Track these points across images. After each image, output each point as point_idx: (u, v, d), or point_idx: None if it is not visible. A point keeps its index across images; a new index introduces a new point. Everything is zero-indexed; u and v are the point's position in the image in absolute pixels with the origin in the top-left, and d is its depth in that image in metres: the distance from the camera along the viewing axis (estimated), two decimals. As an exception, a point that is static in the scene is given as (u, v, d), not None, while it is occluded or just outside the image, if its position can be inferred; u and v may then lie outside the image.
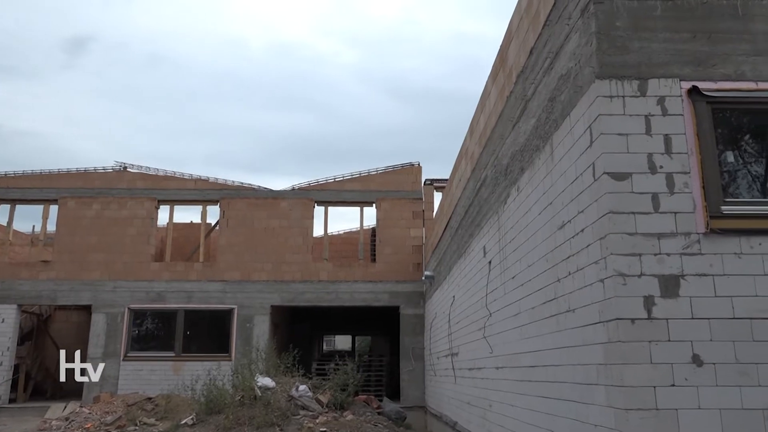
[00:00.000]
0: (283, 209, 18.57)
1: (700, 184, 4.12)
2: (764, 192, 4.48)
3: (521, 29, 6.63)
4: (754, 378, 3.81)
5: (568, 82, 4.95)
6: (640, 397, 3.77)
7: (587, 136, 4.46)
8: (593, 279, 4.31)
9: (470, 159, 10.03)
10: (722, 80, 4.31)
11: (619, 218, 4.06)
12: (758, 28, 4.41)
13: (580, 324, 4.55)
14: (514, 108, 6.88)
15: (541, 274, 5.62)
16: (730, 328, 3.89)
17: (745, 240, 4.05)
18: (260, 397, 11.59)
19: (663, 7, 4.45)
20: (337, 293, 18.06)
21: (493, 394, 7.77)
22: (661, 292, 3.94)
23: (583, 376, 4.47)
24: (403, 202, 18.85)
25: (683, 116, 4.25)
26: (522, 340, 6.31)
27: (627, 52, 4.35)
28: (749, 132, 4.62)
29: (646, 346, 3.85)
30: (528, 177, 6.17)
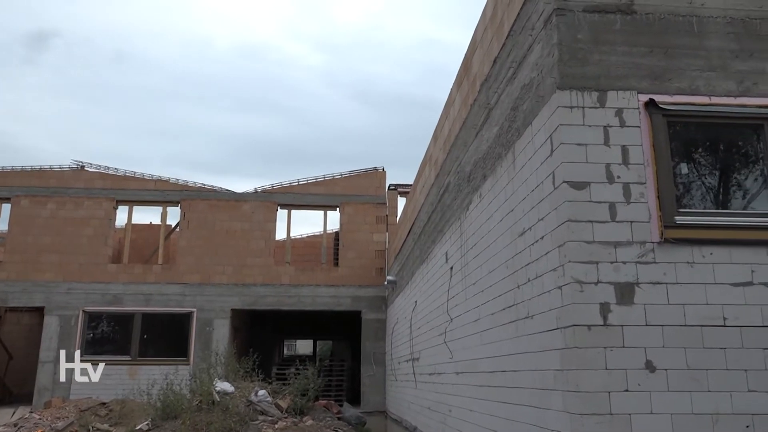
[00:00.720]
0: (245, 212, 18.38)
1: (656, 195, 4.23)
2: (717, 203, 4.63)
3: (485, 39, 6.71)
4: (704, 384, 3.92)
5: (530, 91, 5.03)
6: (595, 403, 3.84)
7: (548, 145, 4.54)
8: (551, 286, 4.38)
9: (434, 165, 10.10)
10: (677, 94, 4.44)
11: (578, 226, 4.15)
12: (712, 45, 4.56)
13: (539, 330, 4.62)
14: (477, 116, 6.97)
15: (502, 281, 5.69)
16: (681, 335, 4.00)
17: (697, 249, 4.17)
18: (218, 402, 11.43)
19: (622, 21, 4.56)
20: (299, 297, 17.95)
21: (453, 399, 7.82)
22: (616, 300, 4.03)
23: (541, 381, 4.53)
24: (367, 206, 18.86)
25: (640, 128, 4.36)
26: (482, 346, 6.37)
27: (587, 64, 4.45)
28: (703, 145, 4.77)
29: (601, 352, 3.93)
30: (490, 184, 6.25)
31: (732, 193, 4.74)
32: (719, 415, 3.88)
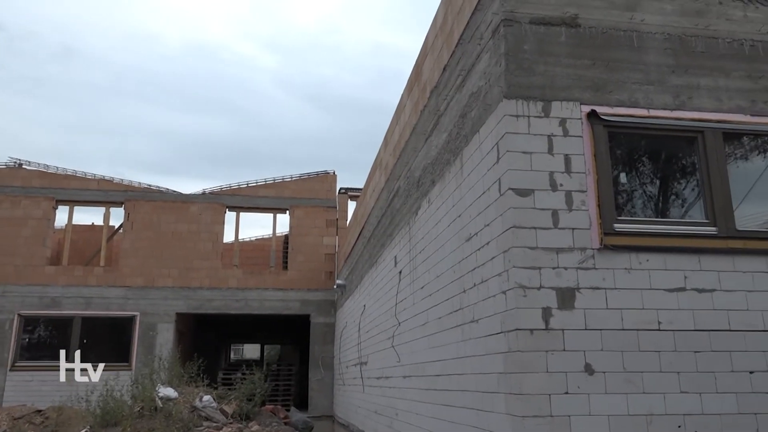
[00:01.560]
0: (192, 213, 18.03)
1: (596, 203, 4.37)
2: (654, 212, 4.82)
3: (436, 46, 6.80)
4: (639, 386, 4.07)
5: (478, 99, 5.13)
6: (536, 405, 3.93)
7: (494, 152, 4.64)
8: (496, 290, 4.46)
9: (384, 170, 10.14)
10: (618, 106, 4.60)
11: (522, 232, 4.24)
12: (651, 60, 4.75)
13: (484, 334, 4.70)
14: (427, 122, 7.04)
15: (449, 285, 5.76)
16: (619, 338, 4.14)
17: (634, 256, 4.33)
18: (161, 409, 11.15)
19: (567, 34, 4.70)
20: (247, 301, 17.71)
21: (400, 403, 7.86)
22: (558, 304, 4.14)
23: (485, 384, 4.61)
24: (317, 210, 18.78)
25: (582, 138, 4.50)
26: (429, 350, 6.43)
27: (533, 75, 4.56)
28: (642, 155, 4.96)
29: (543, 355, 4.03)
30: (439, 190, 6.32)
31: (668, 203, 4.94)
32: (653, 415, 4.03)
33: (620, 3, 4.83)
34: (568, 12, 4.73)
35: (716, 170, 4.61)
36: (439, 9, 6.82)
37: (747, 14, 4.98)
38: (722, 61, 4.83)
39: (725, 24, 4.92)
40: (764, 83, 4.83)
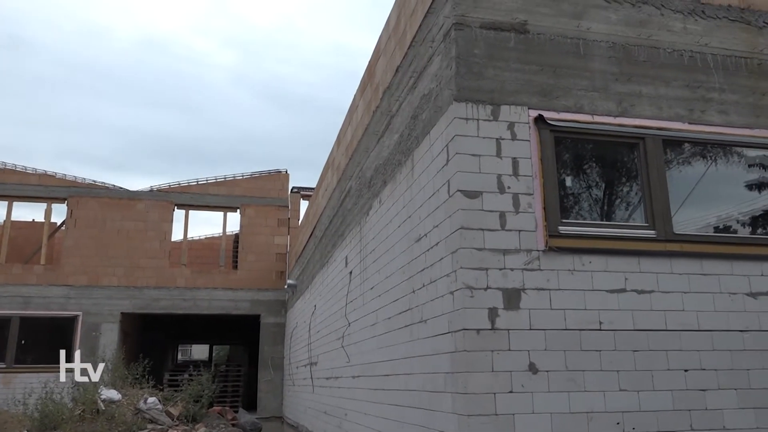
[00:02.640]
0: (139, 211, 17.59)
1: (542, 205, 4.47)
2: (598, 215, 4.95)
3: (389, 48, 6.83)
4: (580, 384, 4.18)
5: (429, 101, 5.17)
6: (481, 404, 3.99)
7: (444, 154, 4.69)
8: (444, 291, 4.51)
9: (337, 169, 10.12)
10: (564, 111, 4.71)
11: (470, 234, 4.30)
12: (596, 67, 4.89)
13: (432, 334, 4.75)
14: (379, 123, 7.06)
15: (398, 285, 5.79)
16: (562, 338, 4.24)
17: (577, 258, 4.44)
18: (104, 411, 10.84)
19: (516, 39, 4.79)
20: (195, 300, 17.39)
21: (349, 404, 7.86)
22: (504, 305, 4.22)
23: (432, 384, 4.65)
24: (269, 209, 18.59)
25: (530, 142, 4.59)
26: (378, 350, 6.45)
27: (483, 78, 4.63)
28: (587, 160, 5.09)
29: (488, 355, 4.09)
30: (390, 190, 6.35)
31: (611, 206, 5.09)
32: (593, 413, 4.14)
33: (568, 11, 4.95)
34: (517, 18, 4.82)
35: (656, 176, 4.77)
36: (392, 11, 6.85)
37: (687, 26, 5.18)
38: (663, 71, 5.01)
39: (666, 35, 5.10)
40: (701, 93, 5.03)
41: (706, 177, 5.16)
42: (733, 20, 5.31)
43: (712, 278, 4.62)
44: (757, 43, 5.30)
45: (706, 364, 4.41)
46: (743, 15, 5.34)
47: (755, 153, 5.23)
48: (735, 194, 5.24)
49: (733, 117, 5.06)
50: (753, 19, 5.36)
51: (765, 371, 4.49)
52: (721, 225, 5.18)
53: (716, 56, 5.16)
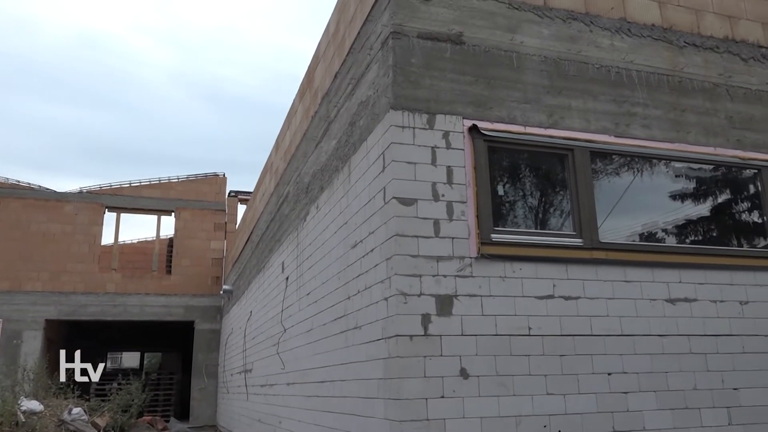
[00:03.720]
0: (67, 213, 16.89)
1: (475, 213, 4.56)
2: (529, 223, 5.09)
3: (328, 53, 6.83)
4: (510, 388, 4.28)
5: (366, 108, 5.20)
6: (413, 409, 4.03)
7: (380, 161, 4.72)
8: (379, 297, 4.53)
9: (275, 174, 10.03)
10: (497, 122, 4.83)
11: (404, 241, 4.34)
12: (528, 80, 5.03)
13: (366, 340, 4.76)
14: (317, 128, 7.04)
15: (334, 292, 5.78)
16: (492, 343, 4.33)
17: (509, 265, 4.55)
18: (24, 423, 10.33)
19: (452, 50, 4.88)
20: (126, 307, 16.81)
21: (283, 411, 7.77)
22: (437, 311, 4.27)
23: (366, 390, 4.66)
24: (205, 212, 18.21)
25: (464, 151, 4.68)
26: (313, 356, 6.41)
27: (419, 88, 4.70)
28: (519, 170, 5.23)
29: (421, 360, 4.13)
30: (327, 196, 6.34)
31: (542, 215, 5.24)
32: (522, 416, 4.25)
33: (502, 24, 5.08)
34: (453, 29, 4.92)
35: (584, 186, 4.95)
36: (332, 17, 6.86)
37: (614, 43, 5.41)
38: (591, 85, 5.21)
39: (595, 51, 5.31)
40: (627, 107, 5.26)
41: (632, 188, 5.39)
42: (656, 39, 5.58)
43: (634, 285, 4.82)
44: (678, 61, 5.58)
45: (627, 367, 4.59)
46: (666, 34, 5.62)
47: (676, 165, 5.50)
48: (658, 205, 5.50)
49: (655, 131, 5.31)
50: (675, 39, 5.64)
51: (682, 373, 4.72)
52: (645, 234, 5.42)
53: (641, 73, 5.41)
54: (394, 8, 4.77)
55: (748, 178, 5.68)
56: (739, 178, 5.70)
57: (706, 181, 5.67)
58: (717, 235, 5.73)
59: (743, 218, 5.84)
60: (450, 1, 4.97)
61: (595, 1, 5.46)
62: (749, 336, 5.02)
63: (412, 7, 4.83)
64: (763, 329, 5.08)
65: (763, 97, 5.79)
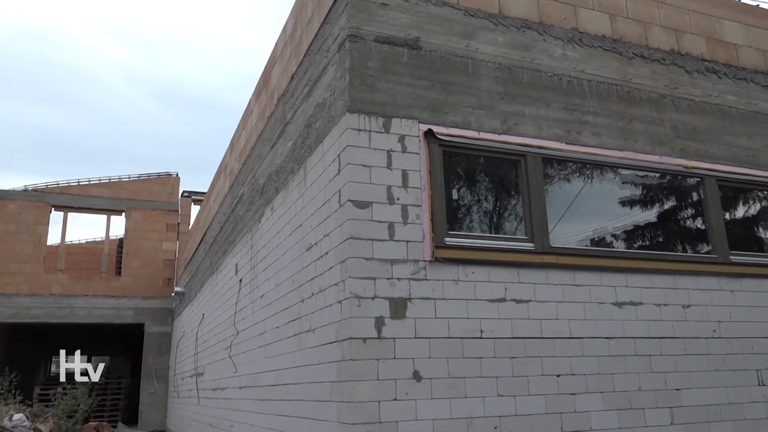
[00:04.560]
0: (10, 212, 16.28)
1: (429, 217, 4.60)
2: (484, 227, 5.16)
3: (285, 54, 6.79)
4: (461, 390, 4.33)
5: (323, 111, 5.19)
6: (366, 412, 4.03)
7: (336, 164, 4.71)
8: (333, 300, 4.52)
9: (229, 175, 9.89)
10: (452, 127, 4.89)
11: (359, 244, 4.35)
12: (483, 86, 5.11)
13: (319, 343, 4.74)
14: (273, 129, 6.99)
15: (288, 294, 5.74)
16: (445, 346, 4.38)
17: (462, 268, 4.61)
18: (-39, 430, 9.89)
19: (409, 55, 4.92)
20: (72, 309, 16.31)
21: (236, 415, 7.67)
22: (390, 314, 4.29)
23: (319, 393, 4.64)
24: (157, 213, 17.82)
25: (419, 155, 4.72)
26: (266, 359, 6.34)
27: (375, 91, 4.71)
28: (473, 174, 5.30)
29: (374, 363, 4.14)
30: (282, 198, 6.29)
31: (495, 219, 5.32)
32: (473, 418, 4.30)
33: (458, 30, 5.15)
34: (410, 34, 4.95)
35: (536, 191, 5.05)
36: (289, 17, 6.82)
37: (566, 53, 5.54)
38: (544, 93, 5.33)
39: (547, 59, 5.43)
40: (577, 116, 5.39)
41: (583, 194, 5.52)
42: (606, 50, 5.74)
43: (583, 289, 4.94)
44: (627, 72, 5.76)
45: (576, 369, 4.70)
46: (615, 45, 5.79)
47: (625, 173, 5.67)
48: (608, 210, 5.66)
49: (605, 139, 5.46)
50: (624, 50, 5.82)
51: (627, 375, 4.86)
52: (595, 239, 5.57)
53: (591, 82, 5.56)
54: (352, 11, 4.78)
55: (692, 186, 5.89)
56: (683, 186, 5.91)
57: (652, 188, 5.86)
58: (662, 240, 5.93)
59: (687, 225, 6.06)
60: (407, 7, 5.01)
61: (548, 11, 5.58)
62: (691, 338, 5.21)
63: (370, 11, 4.85)
64: (703, 332, 5.28)
65: (706, 108, 6.03)
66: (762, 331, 5.53)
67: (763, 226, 6.28)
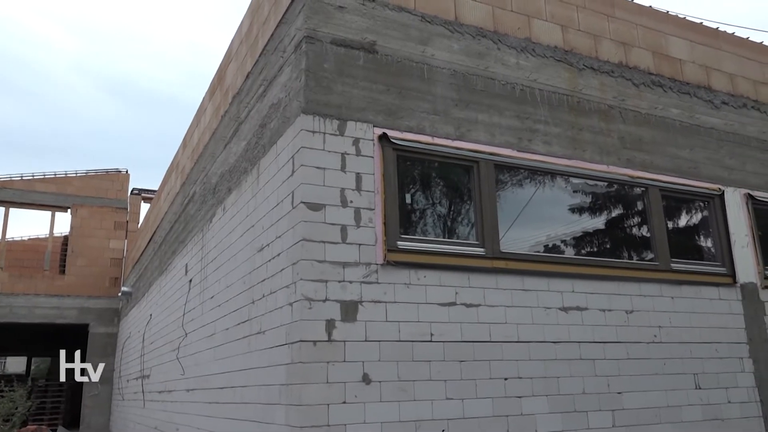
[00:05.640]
0: (-53, 206, 15.58)
1: (382, 221, 4.61)
2: (437, 232, 5.21)
3: (240, 53, 6.71)
4: (410, 393, 4.35)
5: (278, 111, 5.15)
6: (314, 415, 4.01)
7: (290, 165, 4.68)
8: (284, 302, 4.49)
9: (181, 173, 9.71)
10: (407, 131, 4.92)
11: (311, 246, 4.33)
12: (438, 92, 5.16)
13: (269, 345, 4.69)
14: (227, 128, 6.89)
15: (238, 295, 5.67)
16: (395, 349, 4.40)
17: (413, 272, 4.64)
18: None
19: (365, 58, 4.93)
20: (12, 308, 15.70)
21: (182, 418, 7.52)
22: (341, 317, 4.28)
23: (267, 396, 4.60)
24: (105, 210, 17.34)
25: (374, 158, 4.73)
26: (215, 362, 6.24)
27: (331, 93, 4.71)
28: (427, 179, 5.35)
29: (324, 366, 4.13)
30: (234, 198, 6.21)
31: (448, 224, 5.38)
32: (421, 421, 4.33)
33: (415, 36, 5.19)
34: (367, 38, 4.97)
35: (487, 197, 5.13)
36: (245, 16, 6.75)
37: (519, 62, 5.65)
38: (497, 101, 5.42)
39: (501, 68, 5.53)
40: (529, 124, 5.50)
41: (534, 200, 5.64)
42: (558, 60, 5.88)
43: (531, 294, 5.04)
44: (578, 83, 5.91)
45: (523, 373, 4.79)
46: (567, 56, 5.93)
47: (574, 181, 5.81)
48: (557, 217, 5.79)
49: (555, 148, 5.58)
50: (575, 61, 5.97)
51: (572, 378, 4.98)
52: (544, 245, 5.68)
53: (543, 91, 5.68)
54: (309, 13, 4.77)
55: (637, 196, 6.09)
56: (629, 195, 6.10)
57: (600, 196, 6.03)
58: (608, 247, 6.10)
59: (632, 233, 6.26)
60: (364, 10, 5.02)
61: (503, 20, 5.68)
62: (633, 343, 5.38)
63: (327, 13, 4.84)
64: (645, 336, 5.46)
65: (651, 120, 6.24)
66: (699, 337, 5.75)
67: (703, 235, 6.53)
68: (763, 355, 6.07)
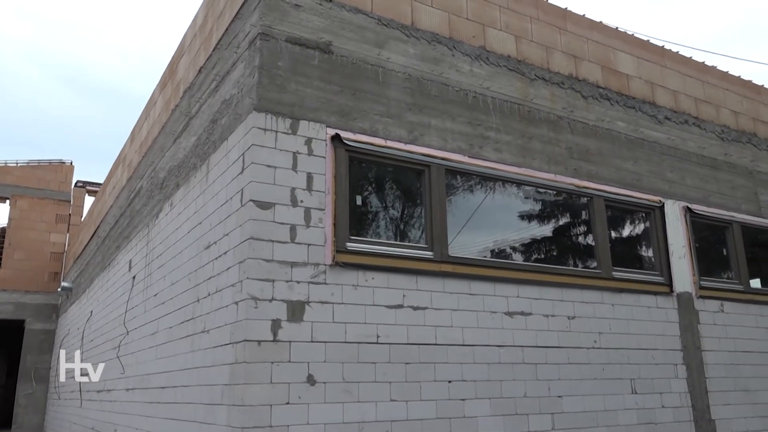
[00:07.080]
0: None
1: (332, 221, 4.60)
2: (388, 234, 5.23)
3: (194, 46, 6.59)
4: (355, 395, 4.35)
5: (229, 107, 5.07)
6: (257, 416, 3.97)
7: (240, 162, 4.62)
8: (229, 301, 4.43)
9: (128, 166, 9.46)
10: (360, 133, 4.92)
11: (259, 245, 4.28)
12: (392, 95, 5.18)
13: (213, 345, 4.62)
14: (177, 122, 6.76)
15: (183, 293, 5.56)
16: (341, 350, 4.39)
17: (362, 274, 4.64)
18: None
19: (320, 58, 4.91)
20: (-58, 302, 14.97)
21: (120, 418, 7.31)
22: (288, 317, 4.25)
23: (209, 396, 4.52)
24: (47, 202, 16.73)
25: (325, 158, 4.71)
26: (157, 360, 6.10)
27: (284, 92, 4.67)
28: (379, 181, 5.36)
29: (268, 366, 4.09)
30: (182, 194, 6.09)
31: (398, 227, 5.41)
32: (365, 423, 4.33)
33: (370, 38, 5.20)
34: (323, 38, 4.95)
35: (438, 202, 5.18)
36: (200, 9, 6.63)
37: (473, 69, 5.73)
38: (450, 106, 5.48)
39: (455, 74, 5.60)
40: (480, 131, 5.58)
41: (483, 206, 5.72)
42: (511, 69, 5.99)
43: (477, 298, 5.11)
44: (529, 92, 6.04)
45: (467, 375, 4.85)
46: (519, 66, 6.05)
47: (524, 188, 5.93)
48: (506, 223, 5.89)
49: (506, 155, 5.68)
50: (527, 71, 6.10)
51: (514, 382, 5.07)
52: (493, 250, 5.78)
53: (495, 99, 5.77)
54: (264, 9, 4.72)
55: (583, 205, 6.25)
56: (575, 204, 6.26)
57: (548, 204, 6.17)
58: (554, 254, 6.25)
59: (577, 240, 6.43)
60: (321, 10, 5.00)
61: (458, 27, 5.75)
62: (574, 348, 5.52)
63: (283, 11, 4.81)
64: (585, 342, 5.61)
65: (598, 132, 6.42)
66: (637, 343, 5.95)
67: (644, 245, 6.76)
68: (696, 362, 6.32)
